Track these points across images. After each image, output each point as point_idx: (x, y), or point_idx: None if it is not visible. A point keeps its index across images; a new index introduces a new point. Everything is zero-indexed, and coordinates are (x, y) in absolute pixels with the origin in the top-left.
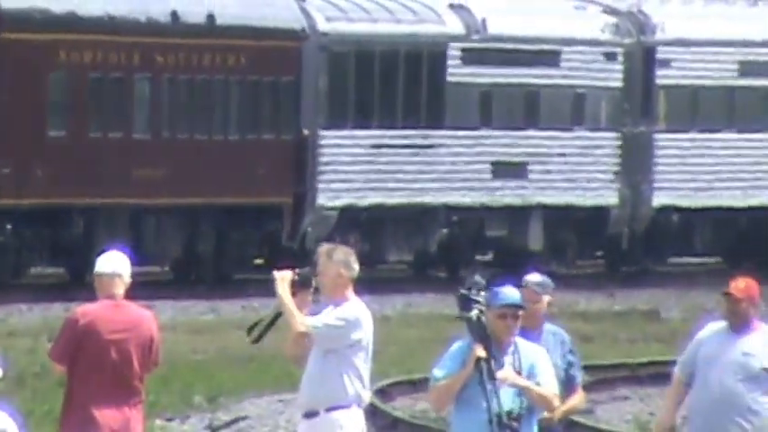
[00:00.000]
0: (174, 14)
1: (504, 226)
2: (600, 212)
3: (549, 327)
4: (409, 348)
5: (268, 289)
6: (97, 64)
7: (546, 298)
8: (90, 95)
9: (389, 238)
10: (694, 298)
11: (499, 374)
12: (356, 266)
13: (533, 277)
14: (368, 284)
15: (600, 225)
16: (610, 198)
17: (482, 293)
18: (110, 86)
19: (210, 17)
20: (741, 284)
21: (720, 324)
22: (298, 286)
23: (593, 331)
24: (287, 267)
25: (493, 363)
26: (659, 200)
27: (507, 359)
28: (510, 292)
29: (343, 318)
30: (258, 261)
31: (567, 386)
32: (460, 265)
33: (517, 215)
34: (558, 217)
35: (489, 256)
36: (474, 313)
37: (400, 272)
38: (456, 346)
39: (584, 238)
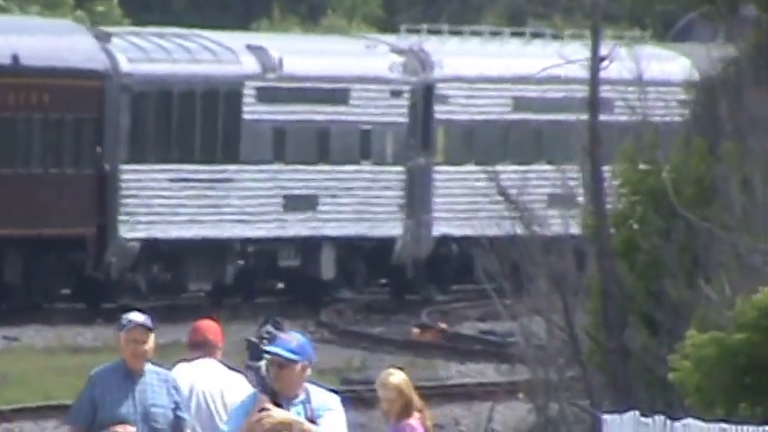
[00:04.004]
0: None
1: (297, 256)
2: (386, 243)
3: (152, 367)
4: None
5: (76, 317)
6: None
7: (153, 336)
8: None
9: (189, 269)
10: None
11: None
12: None
13: (138, 317)
14: (168, 312)
15: (386, 254)
16: (395, 229)
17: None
18: None
19: (15, 57)
20: None
21: None
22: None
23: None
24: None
25: None
26: (439, 230)
27: (298, 410)
28: (284, 341)
29: None
30: (65, 291)
31: (176, 428)
32: (256, 294)
33: (309, 246)
34: (347, 247)
35: (282, 285)
36: (263, 363)
37: (199, 300)
38: (243, 400)
39: (372, 268)
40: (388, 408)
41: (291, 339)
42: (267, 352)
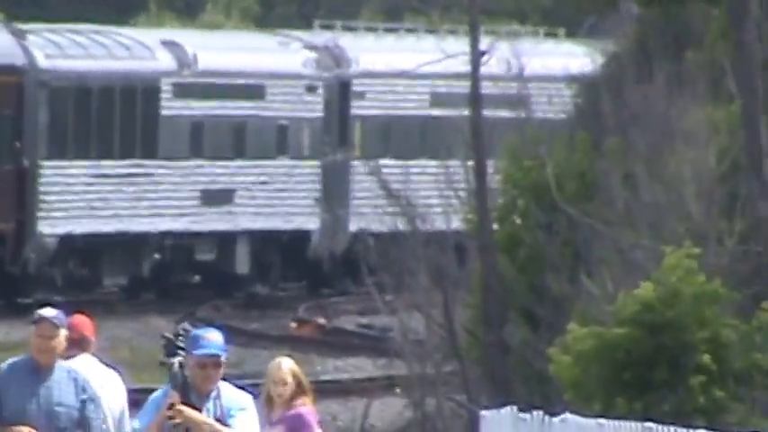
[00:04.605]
0: None
1: (213, 250)
2: (302, 236)
3: (63, 364)
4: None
5: None
6: None
7: (63, 333)
8: None
9: (105, 264)
10: None
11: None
12: None
13: (48, 312)
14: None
15: (302, 249)
16: (311, 223)
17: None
18: None
19: None
20: None
21: None
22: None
23: None
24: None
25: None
26: (356, 224)
27: (208, 405)
28: (212, 340)
29: None
30: None
31: (82, 427)
32: (172, 289)
33: (225, 240)
34: (263, 241)
35: (198, 279)
36: (177, 360)
37: (113, 295)
38: (154, 394)
39: (287, 262)
40: (281, 392)
41: (217, 337)
42: (208, 354)
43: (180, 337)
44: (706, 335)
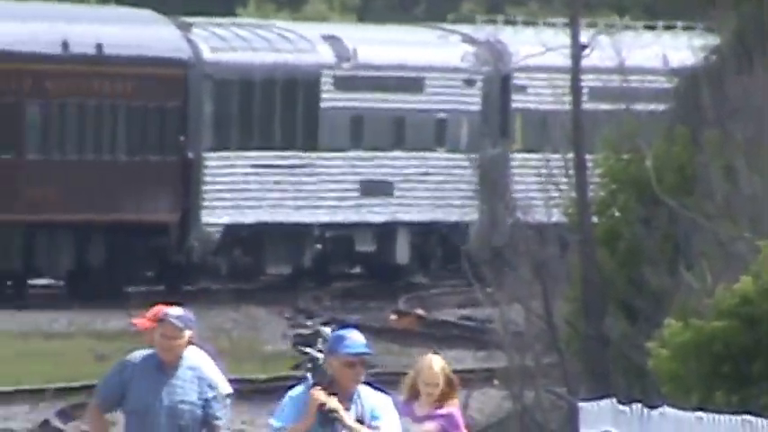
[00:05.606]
0: (65, 44)
1: (373, 241)
2: (461, 228)
3: (189, 362)
4: None
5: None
6: None
7: (187, 333)
8: None
9: (268, 253)
10: None
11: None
12: None
13: (174, 311)
14: (250, 294)
15: (461, 240)
16: (469, 215)
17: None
18: (2, 111)
19: (99, 46)
20: None
21: None
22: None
23: None
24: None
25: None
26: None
27: (351, 406)
28: (357, 339)
29: None
30: (149, 274)
31: (205, 425)
32: (332, 278)
33: (385, 231)
34: (422, 233)
35: (358, 269)
36: (321, 354)
37: (278, 283)
38: (294, 392)
39: (446, 252)
40: (431, 392)
41: (360, 336)
42: (358, 353)
43: (318, 338)
44: None
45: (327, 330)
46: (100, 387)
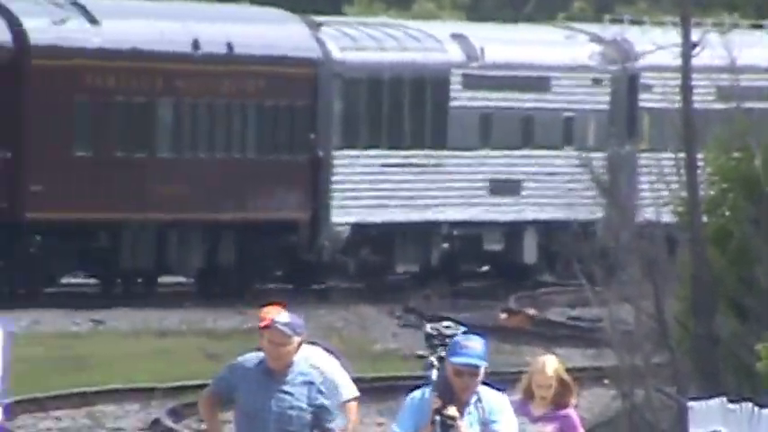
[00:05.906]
0: (196, 43)
1: (501, 240)
2: (587, 227)
3: (300, 367)
4: None
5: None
6: (121, 89)
7: (296, 340)
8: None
9: (397, 252)
10: None
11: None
12: None
13: (282, 317)
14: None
15: (587, 239)
16: (595, 213)
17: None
18: (134, 110)
19: (229, 45)
20: None
21: None
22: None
23: None
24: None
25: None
26: (640, 215)
27: (470, 410)
28: (472, 348)
29: None
30: (279, 273)
31: (317, 428)
32: (460, 277)
33: (513, 229)
34: (550, 231)
35: (486, 268)
36: (434, 358)
37: (406, 281)
38: (413, 396)
39: (574, 252)
40: (544, 394)
41: (478, 345)
42: (465, 364)
43: (443, 338)
44: None
45: (451, 332)
46: (213, 382)
